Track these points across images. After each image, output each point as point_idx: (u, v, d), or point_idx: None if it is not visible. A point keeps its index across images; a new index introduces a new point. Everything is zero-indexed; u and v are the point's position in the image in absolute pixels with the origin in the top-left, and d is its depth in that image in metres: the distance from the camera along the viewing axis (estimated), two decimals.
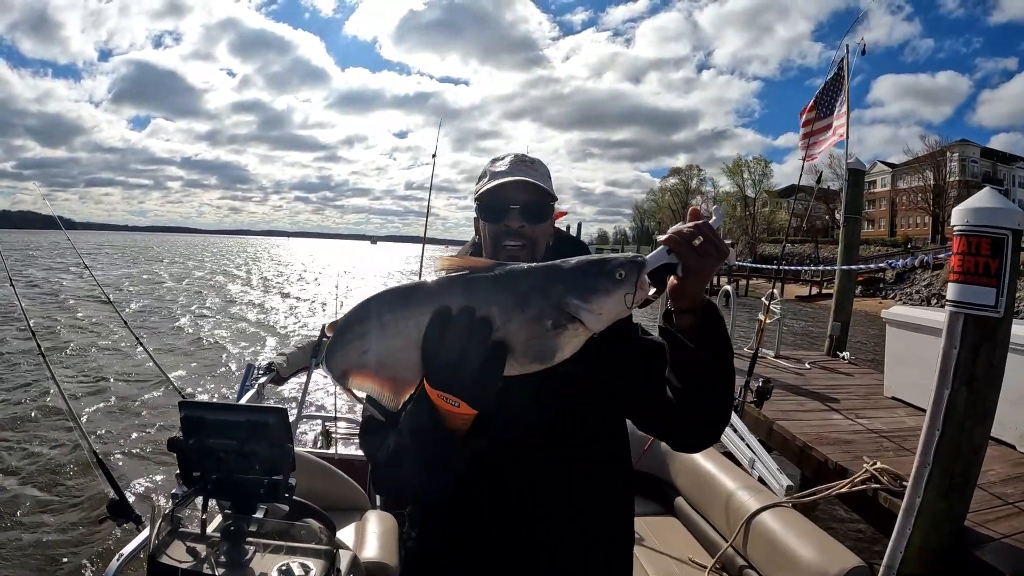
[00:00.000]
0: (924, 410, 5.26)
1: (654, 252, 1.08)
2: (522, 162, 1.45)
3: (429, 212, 6.00)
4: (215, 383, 10.73)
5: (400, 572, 1.54)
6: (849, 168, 8.53)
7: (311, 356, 4.51)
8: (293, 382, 4.61)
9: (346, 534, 2.46)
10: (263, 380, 3.86)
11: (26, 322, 3.68)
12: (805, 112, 8.53)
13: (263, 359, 4.24)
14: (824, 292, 35.43)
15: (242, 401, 3.46)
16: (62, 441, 7.09)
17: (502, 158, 1.48)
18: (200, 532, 1.55)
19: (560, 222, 1.56)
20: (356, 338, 0.99)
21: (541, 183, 1.42)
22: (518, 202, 1.40)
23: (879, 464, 3.67)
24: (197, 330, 16.60)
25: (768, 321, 6.78)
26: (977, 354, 2.85)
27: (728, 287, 8.85)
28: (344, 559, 1.57)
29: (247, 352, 13.66)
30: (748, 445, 3.62)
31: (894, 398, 5.99)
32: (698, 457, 3.02)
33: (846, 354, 8.16)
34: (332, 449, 4.53)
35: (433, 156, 5.71)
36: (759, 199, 67.65)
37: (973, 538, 3.16)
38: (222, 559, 1.46)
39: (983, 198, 2.91)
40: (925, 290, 36.49)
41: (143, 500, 5.56)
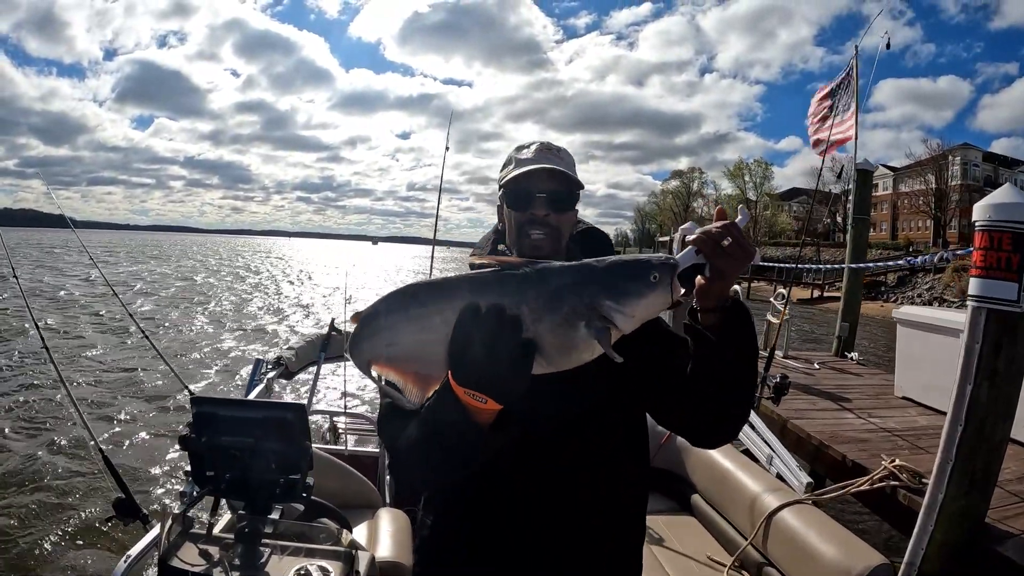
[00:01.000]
0: (936, 410, 5.36)
1: (683, 253, 1.09)
2: (548, 150, 1.44)
3: (439, 212, 5.99)
4: (222, 378, 10.74)
5: (414, 571, 1.51)
6: (858, 168, 8.53)
7: (320, 350, 4.48)
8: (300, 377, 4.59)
9: (359, 532, 2.44)
10: (272, 375, 3.83)
11: (31, 317, 3.63)
12: (818, 100, 8.52)
13: (272, 353, 4.21)
14: (826, 295, 35.43)
15: (251, 396, 3.42)
16: (68, 438, 7.08)
17: (528, 146, 1.47)
18: (213, 534, 1.51)
19: None
20: (383, 329, 0.99)
21: (568, 172, 1.41)
22: (544, 190, 1.39)
23: (898, 461, 3.66)
24: (205, 326, 16.62)
25: (774, 320, 6.79)
26: (999, 349, 2.83)
27: (737, 287, 8.83)
28: (363, 560, 1.52)
29: (257, 347, 13.65)
30: (766, 442, 3.60)
31: (905, 398, 5.99)
32: (715, 454, 3.01)
33: (854, 355, 8.16)
34: (341, 445, 4.50)
35: (446, 148, 5.72)
36: (760, 202, 67.63)
37: (994, 534, 3.16)
38: (236, 562, 1.42)
39: (1005, 193, 2.90)
40: (927, 293, 36.43)
41: (151, 499, 5.56)
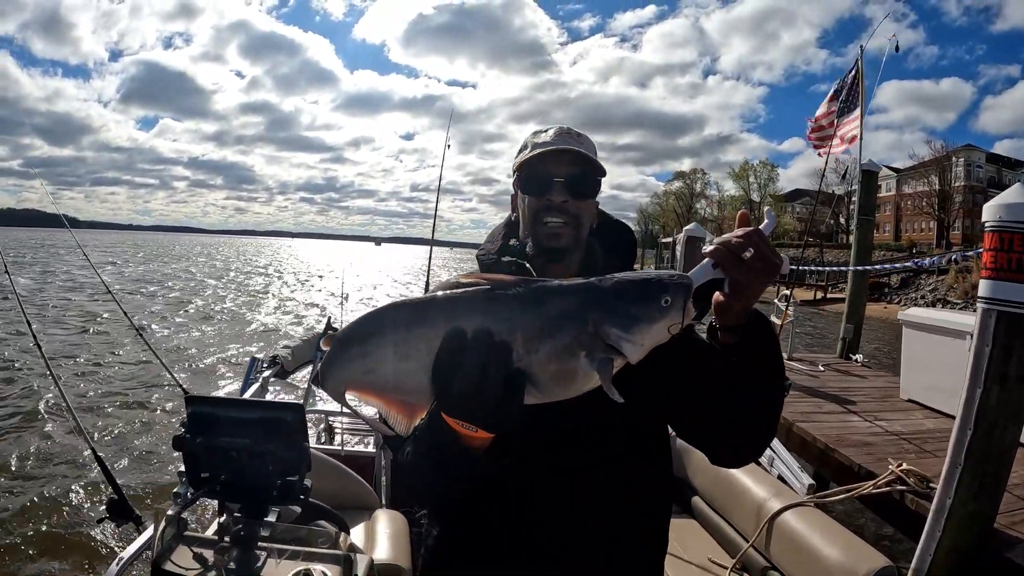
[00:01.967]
0: (942, 413, 5.31)
1: (699, 267, 0.97)
2: (568, 133, 1.32)
3: (437, 212, 5.97)
4: (217, 377, 10.70)
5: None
6: (862, 169, 8.48)
7: (316, 349, 4.46)
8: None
9: (356, 534, 2.41)
10: (267, 374, 3.81)
11: (24, 317, 3.60)
12: (826, 104, 8.52)
13: (267, 352, 4.18)
14: (829, 296, 35.39)
15: (246, 396, 3.39)
16: (61, 438, 7.03)
17: (545, 130, 1.35)
18: (208, 536, 1.48)
19: None
20: (360, 355, 0.89)
21: (590, 155, 1.30)
22: (563, 175, 1.27)
23: (905, 465, 3.61)
24: (203, 325, 16.60)
25: (777, 321, 6.74)
26: (1010, 352, 2.79)
27: None
28: (361, 564, 1.49)
29: (253, 347, 13.65)
30: None
31: (910, 400, 5.94)
32: None
33: (859, 356, 8.11)
34: (337, 445, 4.47)
35: (446, 147, 5.69)
36: (765, 203, 67.61)
37: (1003, 539, 3.11)
38: (232, 565, 1.38)
39: (1015, 193, 2.86)
40: (931, 295, 36.35)
41: (145, 501, 5.52)
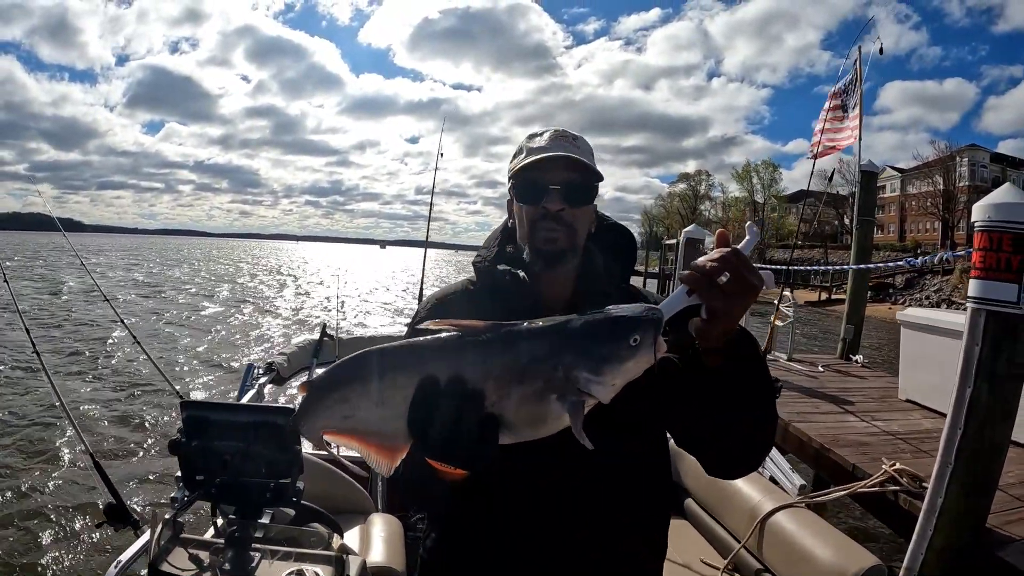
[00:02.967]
0: (940, 412, 5.31)
1: (673, 294, 0.96)
2: (563, 137, 1.31)
3: (431, 214, 6.01)
4: (214, 384, 10.74)
5: None
6: (862, 170, 8.46)
7: (312, 356, 4.48)
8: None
9: (351, 537, 2.40)
10: (263, 380, 3.82)
11: (21, 321, 3.60)
12: (827, 109, 8.53)
13: (263, 359, 4.20)
14: (834, 297, 35.35)
15: (242, 402, 3.41)
16: (58, 444, 7.06)
17: (540, 133, 1.33)
18: (203, 538, 1.51)
19: None
20: (336, 403, 0.91)
21: (586, 160, 1.28)
22: (558, 181, 1.25)
23: (898, 465, 3.62)
24: (201, 331, 16.66)
25: (780, 323, 6.75)
26: (999, 351, 2.79)
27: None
28: (353, 565, 1.51)
29: (250, 352, 13.69)
30: None
31: (909, 400, 5.93)
32: None
33: (859, 357, 8.09)
34: (333, 449, 4.47)
35: (439, 155, 5.72)
36: (768, 204, 67.51)
37: (995, 539, 3.11)
38: (226, 567, 1.41)
39: (1004, 193, 2.87)
40: (935, 295, 36.33)
41: (141, 505, 5.54)
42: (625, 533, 1.27)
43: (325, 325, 4.63)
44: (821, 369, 7.42)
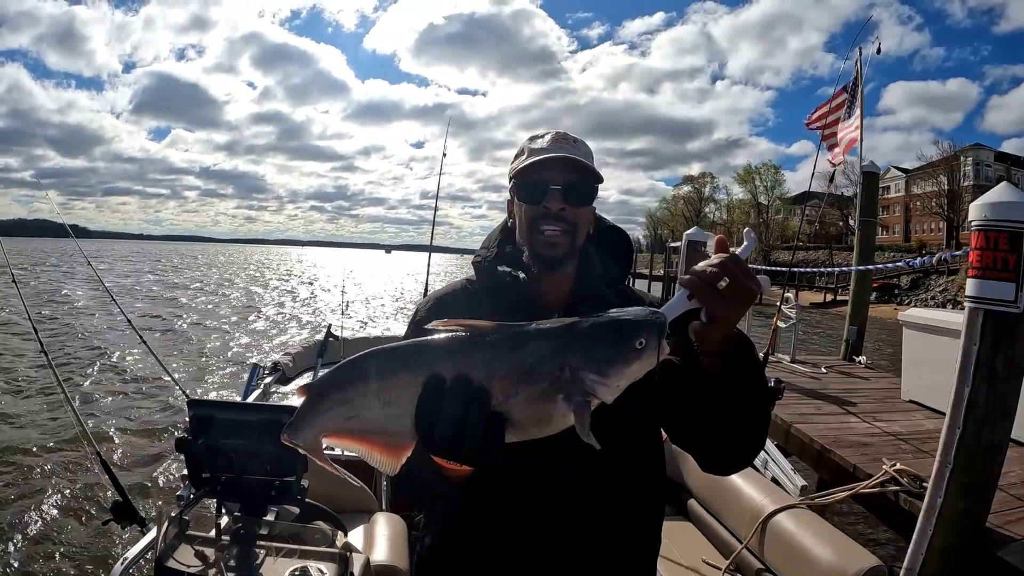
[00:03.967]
0: (942, 413, 5.24)
1: (674, 298, 0.97)
2: (564, 139, 1.33)
3: (435, 219, 6.01)
4: (220, 383, 10.78)
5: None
6: (863, 171, 8.45)
7: (317, 356, 4.49)
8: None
9: (355, 536, 2.41)
10: (269, 380, 3.84)
11: (29, 321, 3.65)
12: (826, 110, 8.51)
13: (268, 359, 4.21)
14: (839, 299, 35.23)
15: (248, 401, 3.43)
16: (65, 442, 7.10)
17: (542, 135, 1.35)
18: (209, 535, 1.51)
19: None
20: (339, 404, 0.91)
21: (586, 162, 1.30)
22: (559, 182, 1.27)
23: (899, 465, 3.62)
24: (207, 332, 16.72)
25: (783, 325, 6.74)
26: (997, 350, 2.80)
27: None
28: (357, 563, 1.53)
29: (256, 352, 13.72)
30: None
31: (911, 401, 5.93)
32: None
33: (862, 358, 8.07)
34: (337, 449, 4.47)
35: (443, 155, 5.73)
36: (772, 206, 67.37)
37: (995, 539, 3.11)
38: (232, 563, 1.43)
39: (1000, 192, 2.88)
40: (940, 295, 36.21)
41: (148, 503, 5.57)
42: (621, 529, 1.28)
43: (330, 326, 4.64)
44: (824, 370, 7.41)
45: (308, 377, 4.46)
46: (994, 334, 2.80)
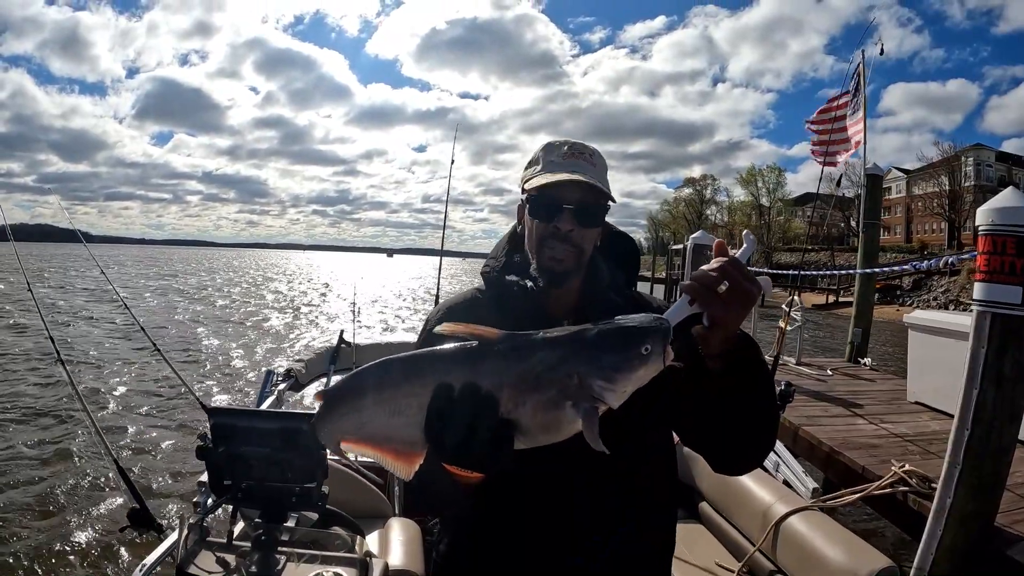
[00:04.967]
0: (948, 414, 5.31)
1: (676, 304, 1.00)
2: (580, 154, 1.33)
3: (446, 224, 6.02)
4: (234, 390, 10.78)
5: None
6: (867, 173, 8.47)
7: (329, 362, 4.49)
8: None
9: (370, 541, 2.41)
10: (282, 387, 3.84)
11: (44, 328, 3.62)
12: (827, 111, 8.52)
13: (282, 365, 4.23)
14: (841, 300, 35.16)
15: (262, 408, 3.43)
16: (82, 449, 7.11)
17: (559, 146, 1.35)
18: (229, 541, 1.52)
19: None
20: (351, 411, 0.93)
21: (599, 182, 1.29)
22: (572, 202, 1.27)
23: (907, 466, 3.65)
24: (220, 338, 16.72)
25: (788, 328, 6.76)
26: (1004, 353, 2.84)
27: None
28: (376, 568, 1.54)
29: (268, 357, 13.73)
30: (773, 449, 3.60)
31: (918, 403, 5.94)
32: None
33: (868, 360, 8.08)
34: (351, 455, 4.49)
35: (451, 161, 5.74)
36: (774, 208, 67.33)
37: (1004, 538, 3.13)
38: (253, 569, 1.43)
39: (1008, 197, 2.91)
40: (942, 296, 36.14)
41: (164, 510, 5.57)
42: (632, 532, 1.30)
43: (343, 332, 4.65)
44: (830, 373, 7.43)
45: (321, 383, 4.48)
46: (1002, 337, 2.84)
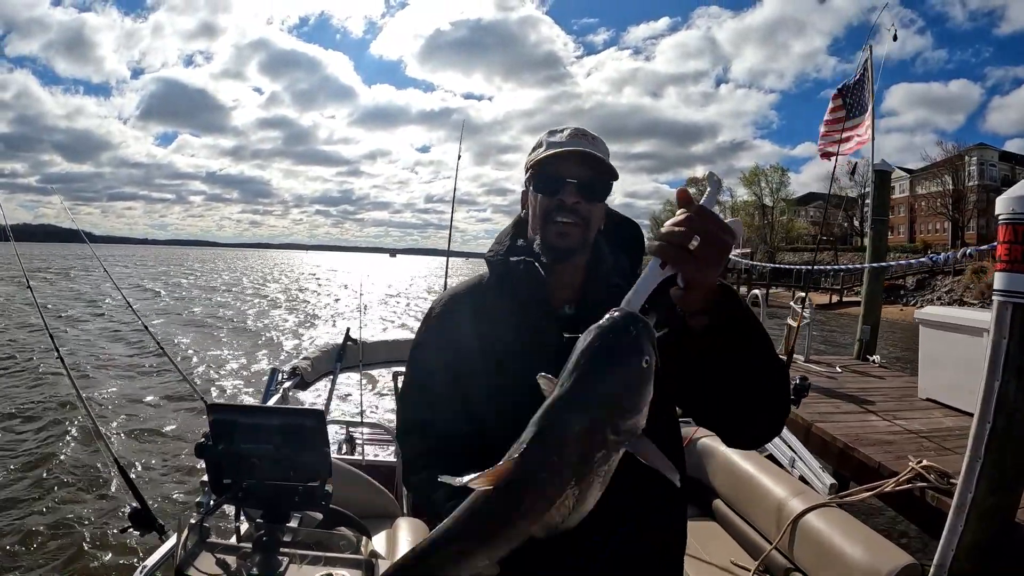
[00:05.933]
0: (961, 410, 5.29)
1: (645, 271, 0.91)
2: (583, 135, 1.33)
3: (452, 224, 5.99)
4: (239, 388, 10.82)
5: None
6: (875, 170, 8.43)
7: (336, 360, 4.48)
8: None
9: (377, 541, 2.42)
10: (288, 385, 3.82)
11: (45, 328, 3.59)
12: (832, 111, 8.49)
13: (288, 363, 4.21)
14: (845, 300, 35.15)
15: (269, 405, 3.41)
16: (82, 449, 7.11)
17: (561, 130, 1.35)
18: (230, 542, 1.49)
19: None
20: None
21: (603, 158, 1.30)
22: (576, 175, 1.28)
23: (925, 462, 3.60)
24: (224, 337, 16.74)
25: (797, 325, 6.74)
26: None
27: (757, 291, 8.83)
28: (383, 569, 1.50)
29: (272, 356, 13.73)
30: (788, 444, 3.57)
31: (929, 399, 5.91)
32: (737, 458, 2.97)
33: (876, 357, 8.07)
34: (358, 455, 4.48)
35: (458, 158, 5.71)
36: (777, 208, 67.28)
37: None
38: (254, 571, 1.39)
39: None
40: (946, 296, 36.06)
41: (167, 510, 5.55)
42: (634, 532, 1.27)
43: (348, 330, 4.63)
44: (839, 370, 7.40)
45: (327, 381, 4.45)
46: (1023, 327, 2.79)
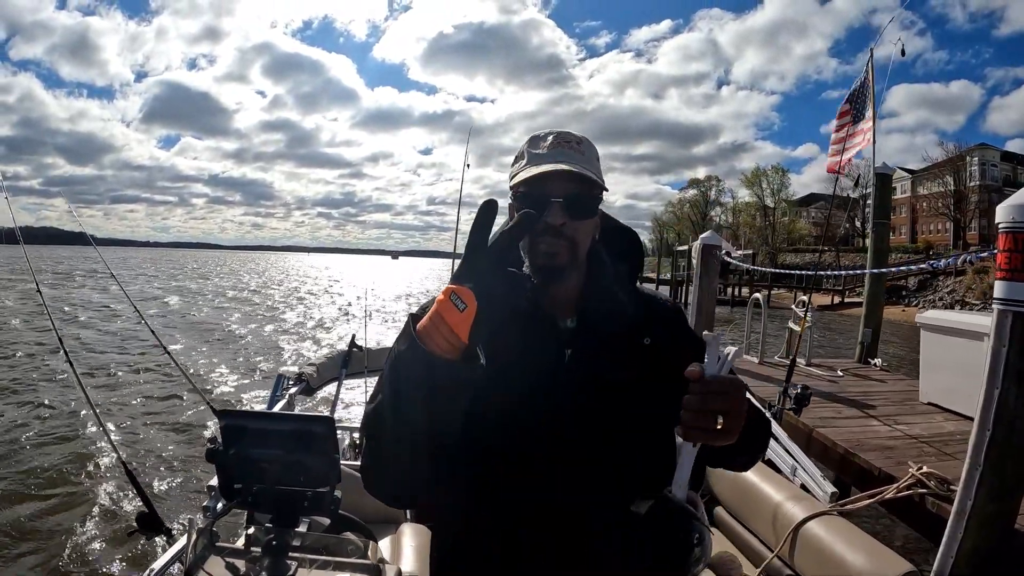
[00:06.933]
0: (962, 415, 5.28)
1: (683, 458, 1.11)
2: (566, 143, 1.24)
3: (458, 227, 6.00)
4: (244, 393, 10.82)
5: None
6: (877, 172, 8.42)
7: (341, 366, 4.49)
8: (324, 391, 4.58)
9: (382, 547, 2.42)
10: (293, 390, 3.83)
11: (54, 331, 3.61)
12: (840, 120, 8.50)
13: (293, 369, 4.22)
14: (847, 301, 35.11)
15: (278, 411, 3.42)
16: (90, 452, 7.13)
17: (543, 137, 1.27)
18: (240, 547, 1.49)
19: None
20: None
21: (588, 170, 1.21)
22: (560, 194, 1.19)
23: (925, 468, 3.60)
24: (230, 341, 16.76)
25: (800, 330, 6.73)
26: None
27: (759, 295, 8.82)
28: (389, 574, 1.51)
29: (278, 359, 13.74)
30: (789, 452, 3.57)
31: (930, 403, 5.90)
32: None
33: (878, 361, 8.03)
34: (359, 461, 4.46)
35: (466, 166, 5.76)
36: (778, 209, 67.28)
37: None
38: (263, 575, 1.39)
39: None
40: (948, 296, 36.03)
41: (172, 514, 5.56)
42: (637, 535, 1.24)
43: (354, 336, 4.65)
44: (840, 374, 7.38)
45: (332, 387, 4.46)
46: (1023, 336, 2.79)
